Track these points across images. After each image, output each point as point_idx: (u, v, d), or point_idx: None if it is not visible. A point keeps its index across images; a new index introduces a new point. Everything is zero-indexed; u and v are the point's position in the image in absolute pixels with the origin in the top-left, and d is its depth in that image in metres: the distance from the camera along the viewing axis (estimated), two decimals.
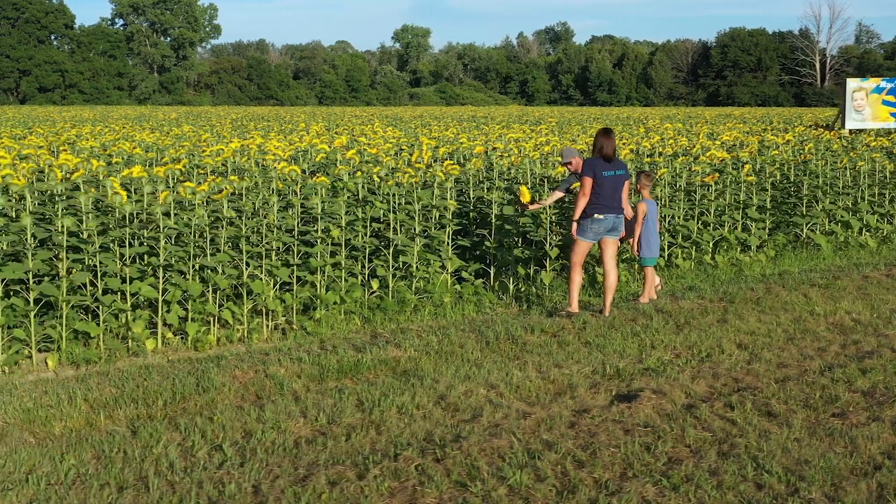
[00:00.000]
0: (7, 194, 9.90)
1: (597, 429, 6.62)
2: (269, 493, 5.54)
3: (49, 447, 6.47)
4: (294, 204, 10.73)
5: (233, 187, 11.24)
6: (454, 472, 5.81)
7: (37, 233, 9.15)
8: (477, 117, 54.57)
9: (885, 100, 27.45)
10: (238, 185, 11.44)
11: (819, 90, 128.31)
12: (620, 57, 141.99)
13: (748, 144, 20.28)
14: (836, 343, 9.07)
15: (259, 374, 8.29)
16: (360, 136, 23.57)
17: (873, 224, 15.66)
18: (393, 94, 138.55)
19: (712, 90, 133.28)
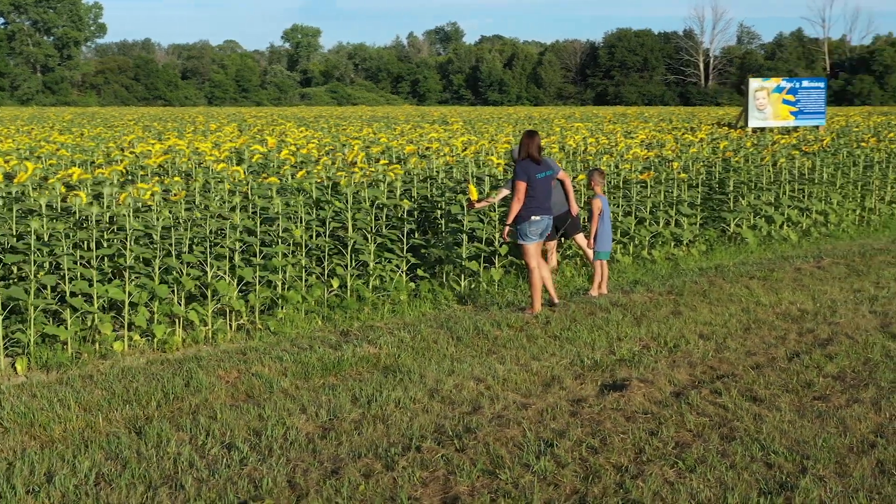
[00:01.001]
0: None
1: (598, 416, 6.87)
2: (307, 486, 5.65)
3: (58, 449, 6.45)
4: (258, 205, 10.76)
5: (184, 189, 11.24)
6: (479, 462, 5.99)
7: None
8: (379, 116, 54.65)
9: (785, 98, 28.46)
10: (192, 186, 11.44)
11: (703, 90, 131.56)
12: (510, 57, 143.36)
13: (665, 143, 20.85)
14: (792, 332, 9.50)
15: (243, 373, 8.34)
16: (278, 136, 23.52)
17: (794, 218, 16.30)
18: (284, 95, 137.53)
19: (600, 90, 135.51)
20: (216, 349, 9.65)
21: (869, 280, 12.27)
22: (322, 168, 12.99)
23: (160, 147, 16.78)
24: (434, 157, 15.04)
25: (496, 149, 17.60)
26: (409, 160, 14.62)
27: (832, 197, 17.12)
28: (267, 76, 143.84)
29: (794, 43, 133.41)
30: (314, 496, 5.51)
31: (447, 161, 14.82)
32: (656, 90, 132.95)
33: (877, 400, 7.21)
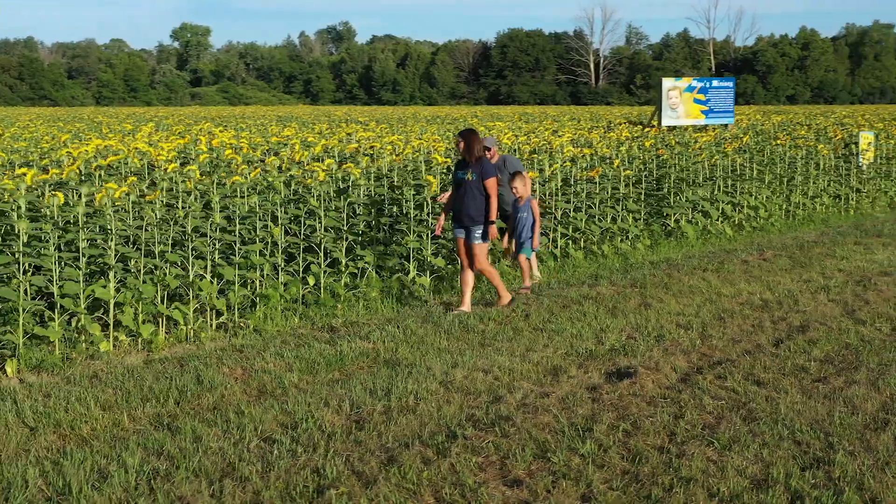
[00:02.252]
0: None
1: (621, 402, 7.17)
2: (371, 474, 5.81)
3: (96, 448, 6.47)
4: (236, 203, 10.80)
5: (158, 190, 11.22)
6: (528, 447, 6.23)
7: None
8: (284, 117, 54.35)
9: (696, 98, 29.25)
10: (158, 186, 11.43)
11: (594, 89, 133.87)
12: (403, 57, 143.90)
13: (591, 141, 21.32)
14: (766, 320, 9.95)
15: (248, 370, 8.42)
16: (206, 136, 23.34)
17: (728, 213, 16.90)
18: (174, 94, 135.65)
19: (493, 89, 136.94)
20: (202, 347, 9.65)
21: (814, 271, 12.84)
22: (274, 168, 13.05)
23: (93, 147, 16.57)
24: (384, 155, 15.19)
25: (436, 147, 17.80)
26: (361, 160, 14.74)
27: (762, 192, 17.78)
28: (156, 76, 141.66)
29: (681, 43, 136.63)
30: (382, 482, 5.67)
31: (393, 160, 14.98)
32: (548, 90, 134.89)
33: (873, 380, 7.66)
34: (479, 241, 10.80)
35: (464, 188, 10.73)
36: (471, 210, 10.73)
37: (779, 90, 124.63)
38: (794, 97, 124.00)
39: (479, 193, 10.72)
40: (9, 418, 7.07)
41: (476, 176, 10.69)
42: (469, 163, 10.77)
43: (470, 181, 10.70)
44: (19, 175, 11.49)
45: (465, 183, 10.72)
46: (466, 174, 10.73)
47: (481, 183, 10.72)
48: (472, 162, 10.75)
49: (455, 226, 11.03)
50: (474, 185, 10.72)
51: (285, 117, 53.30)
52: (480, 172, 10.72)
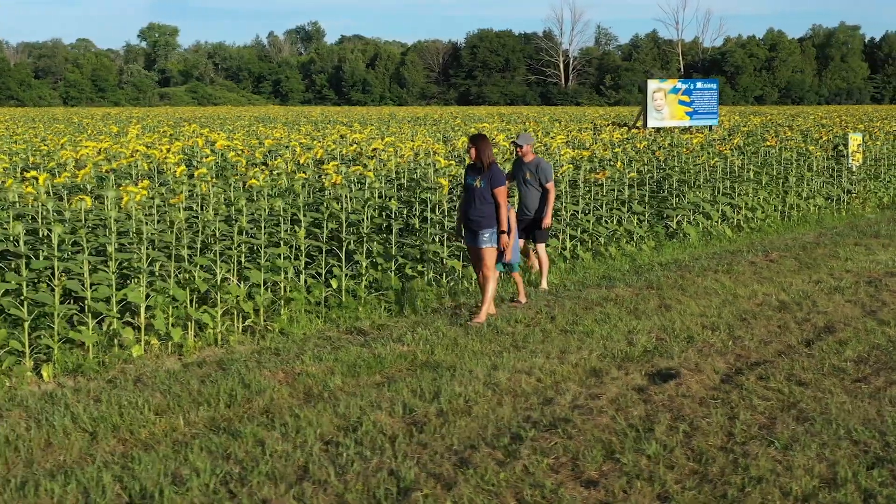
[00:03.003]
0: None
1: (671, 403, 7.30)
2: (449, 476, 5.90)
3: (161, 452, 6.52)
4: (262, 206, 10.84)
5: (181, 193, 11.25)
6: (594, 448, 6.34)
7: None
8: (262, 117, 54.23)
9: (681, 99, 29.55)
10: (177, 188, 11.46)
11: (564, 90, 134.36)
12: (373, 57, 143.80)
13: (584, 143, 21.48)
14: (789, 321, 10.12)
15: (289, 374, 8.48)
16: (197, 137, 23.30)
17: (727, 214, 17.11)
18: (143, 94, 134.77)
19: (463, 90, 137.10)
20: (233, 351, 9.69)
21: (822, 272, 13.03)
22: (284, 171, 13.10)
23: (92, 149, 16.53)
24: (390, 157, 15.27)
25: (436, 150, 17.89)
26: (368, 163, 14.82)
27: (759, 193, 18.00)
28: (124, 76, 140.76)
29: (650, 44, 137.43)
30: (462, 484, 5.76)
31: (398, 163, 15.07)
32: (518, 90, 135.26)
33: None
34: (486, 245, 10.60)
35: (472, 194, 10.62)
36: (478, 216, 10.58)
37: (747, 91, 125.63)
38: (762, 98, 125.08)
39: (487, 201, 10.54)
40: (66, 423, 7.09)
41: (485, 184, 10.51)
42: (480, 169, 10.62)
43: (478, 188, 10.55)
44: (29, 178, 11.47)
45: (473, 189, 10.60)
46: (475, 181, 10.58)
47: (490, 191, 10.52)
48: (483, 168, 10.58)
49: (466, 232, 10.85)
50: (483, 193, 10.54)
51: (263, 118, 53.18)
52: (490, 180, 10.52)
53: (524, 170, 12.37)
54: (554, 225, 14.09)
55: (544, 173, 12.27)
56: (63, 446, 6.70)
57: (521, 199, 12.47)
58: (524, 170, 12.37)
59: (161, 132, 27.02)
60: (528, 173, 12.33)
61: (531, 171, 12.30)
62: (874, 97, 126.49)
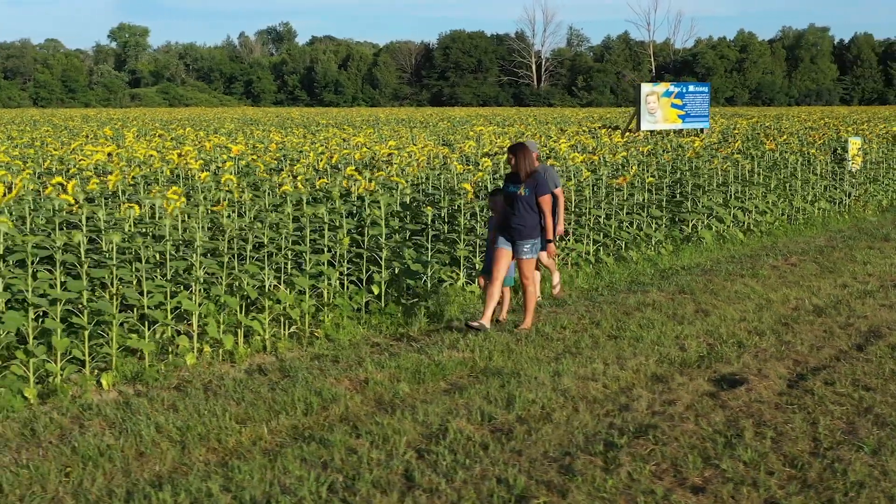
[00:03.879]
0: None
1: (749, 409, 7.43)
2: (557, 483, 6.00)
3: (258, 461, 6.57)
4: (306, 213, 10.90)
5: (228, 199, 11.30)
6: (691, 454, 6.46)
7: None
8: (245, 118, 54.10)
9: (674, 103, 29.81)
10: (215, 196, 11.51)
11: (536, 91, 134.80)
12: (345, 58, 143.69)
13: (587, 146, 21.66)
14: (833, 326, 10.28)
15: (354, 381, 8.55)
16: (194, 140, 23.29)
17: (741, 218, 17.32)
18: (113, 95, 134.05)
19: (436, 91, 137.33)
20: (283, 357, 9.73)
21: (845, 276, 13.24)
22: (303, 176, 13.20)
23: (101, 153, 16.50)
24: (408, 162, 15.37)
25: (445, 154, 18.00)
26: (387, 167, 14.91)
27: (768, 197, 18.22)
28: (94, 76, 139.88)
29: (622, 46, 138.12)
30: (576, 491, 5.87)
31: (418, 167, 15.17)
32: (491, 91, 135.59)
33: None
34: (526, 257, 10.53)
35: (516, 203, 10.48)
36: (521, 225, 10.46)
37: (718, 92, 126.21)
38: (733, 98, 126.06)
39: (531, 209, 10.46)
40: (152, 433, 7.13)
41: (529, 191, 10.41)
42: (521, 177, 10.52)
43: (522, 196, 10.43)
44: (55, 185, 11.48)
45: (517, 198, 10.46)
46: (519, 189, 10.47)
47: (534, 199, 10.45)
48: (524, 177, 10.49)
49: (502, 236, 10.68)
50: (526, 201, 10.43)
51: (246, 119, 53.04)
52: (535, 188, 10.45)
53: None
54: (578, 230, 14.24)
55: (553, 179, 12.04)
56: (156, 456, 6.74)
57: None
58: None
59: (159, 136, 26.94)
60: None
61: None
62: (843, 98, 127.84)
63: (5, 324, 8.35)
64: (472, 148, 20.40)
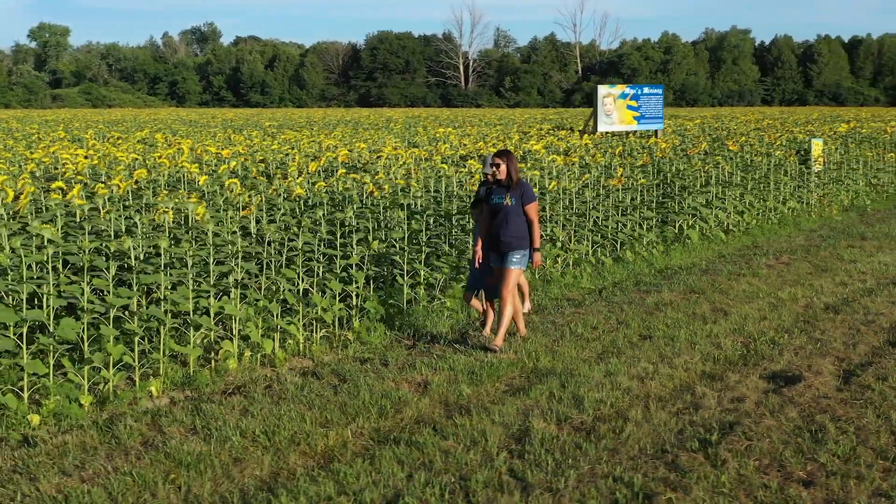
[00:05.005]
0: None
1: (819, 405, 7.69)
2: (674, 480, 6.16)
3: (357, 465, 6.64)
4: (337, 218, 10.94)
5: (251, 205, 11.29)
6: (785, 450, 6.70)
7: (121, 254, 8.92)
8: (191, 120, 53.54)
9: (629, 104, 30.24)
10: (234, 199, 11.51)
11: (464, 91, 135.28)
12: (272, 58, 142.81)
13: (559, 148, 21.92)
14: (857, 323, 10.61)
15: (412, 383, 8.63)
16: (169, 144, 23.08)
17: (722, 219, 17.70)
18: (34, 96, 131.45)
19: (364, 91, 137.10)
20: (315, 361, 9.75)
21: (840, 274, 13.64)
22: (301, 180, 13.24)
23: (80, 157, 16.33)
24: (398, 166, 15.47)
25: (424, 156, 18.12)
26: (381, 171, 14.99)
27: (745, 198, 18.64)
28: (13, 77, 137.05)
29: (549, 47, 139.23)
30: (695, 487, 6.04)
31: (408, 172, 15.28)
32: (419, 92, 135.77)
33: None
34: (515, 267, 10.03)
35: (502, 213, 10.04)
36: (510, 236, 10.03)
37: None
38: None
39: (519, 219, 10.04)
40: (238, 438, 7.15)
41: (516, 200, 10.02)
42: (506, 186, 10.08)
43: (509, 206, 10.02)
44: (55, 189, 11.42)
45: (504, 208, 10.03)
46: (504, 198, 10.04)
47: (521, 208, 10.05)
48: (510, 185, 10.06)
49: (491, 251, 10.23)
50: (514, 211, 10.02)
51: (187, 121, 52.48)
52: (521, 197, 10.05)
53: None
54: (578, 231, 14.45)
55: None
56: (253, 461, 6.77)
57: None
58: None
59: (114, 137, 26.60)
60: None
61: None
62: (764, 99, 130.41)
63: (63, 331, 8.28)
64: (447, 150, 20.54)
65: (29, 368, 8.06)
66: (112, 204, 11.64)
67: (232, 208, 11.78)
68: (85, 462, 6.80)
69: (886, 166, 25.41)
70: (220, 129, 37.77)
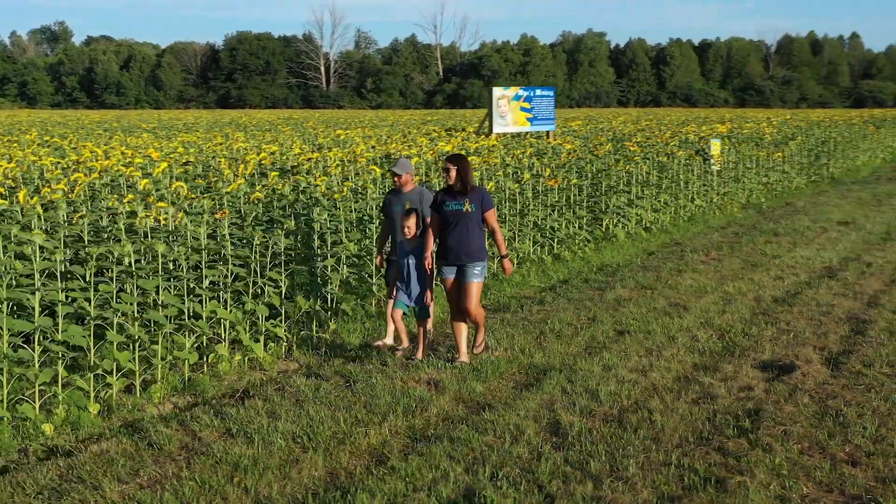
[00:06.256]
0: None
1: (825, 391, 8.16)
2: (735, 465, 6.49)
3: (412, 462, 6.76)
4: (316, 218, 10.97)
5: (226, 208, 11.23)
6: (819, 433, 7.10)
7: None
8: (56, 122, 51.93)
9: (522, 106, 30.76)
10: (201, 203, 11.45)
11: (325, 93, 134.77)
12: (127, 59, 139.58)
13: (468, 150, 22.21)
14: (815, 315, 11.19)
15: (421, 381, 8.75)
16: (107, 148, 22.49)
17: (643, 217, 18.29)
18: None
19: (223, 92, 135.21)
20: (305, 364, 9.80)
21: (774, 269, 14.27)
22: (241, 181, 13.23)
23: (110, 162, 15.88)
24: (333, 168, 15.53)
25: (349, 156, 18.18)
26: (316, 172, 15.04)
27: (660, 197, 19.29)
28: None
29: (410, 48, 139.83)
30: (756, 468, 6.37)
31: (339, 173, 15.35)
32: (280, 93, 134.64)
33: None
34: (478, 280, 9.52)
35: (461, 222, 9.45)
36: (471, 246, 9.45)
37: None
38: None
39: (478, 227, 9.50)
40: (279, 442, 7.17)
41: (476, 207, 9.44)
42: (460, 192, 9.50)
43: (469, 213, 9.43)
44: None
45: (462, 216, 9.45)
46: (463, 205, 9.43)
47: (481, 214, 9.52)
48: (466, 191, 9.48)
49: (443, 263, 9.64)
50: (474, 218, 9.45)
51: (57, 122, 50.95)
52: (480, 203, 9.49)
53: (402, 201, 10.28)
54: (522, 230, 14.76)
55: (430, 203, 10.06)
56: (306, 462, 6.81)
57: (398, 237, 10.12)
58: (402, 201, 10.28)
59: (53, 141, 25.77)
60: (408, 204, 10.19)
61: (413, 202, 10.22)
62: (620, 101, 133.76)
63: (73, 338, 8.15)
64: (363, 150, 20.60)
65: (43, 377, 7.91)
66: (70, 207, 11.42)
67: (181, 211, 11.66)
68: (137, 469, 6.74)
69: (774, 165, 26.53)
70: (101, 132, 36.84)
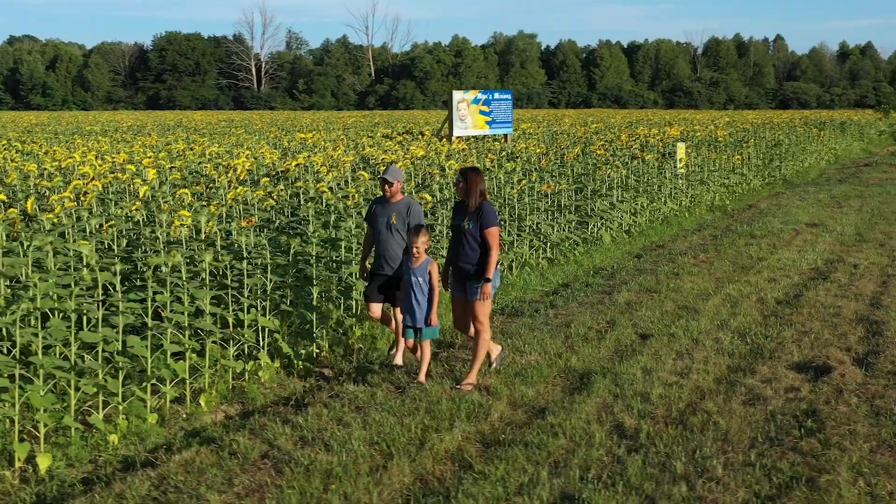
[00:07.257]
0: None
1: (869, 391, 8.49)
2: (822, 464, 6.78)
3: (501, 467, 6.95)
4: (344, 228, 11.08)
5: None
6: (884, 432, 7.40)
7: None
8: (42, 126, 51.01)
9: (481, 109, 31.07)
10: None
11: (257, 94, 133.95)
12: (53, 59, 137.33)
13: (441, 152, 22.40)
14: (825, 315, 11.55)
15: (473, 386, 8.93)
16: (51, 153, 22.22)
17: (624, 220, 18.64)
18: None
19: (153, 93, 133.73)
20: (339, 370, 9.92)
21: (766, 271, 14.59)
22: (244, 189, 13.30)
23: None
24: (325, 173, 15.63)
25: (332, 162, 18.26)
26: (327, 177, 15.11)
27: (638, 200, 19.66)
28: None
29: (341, 49, 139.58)
30: (839, 468, 6.66)
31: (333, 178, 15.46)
32: (210, 94, 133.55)
33: None
34: (480, 298, 9.18)
35: (461, 238, 9.21)
36: (469, 264, 9.17)
37: (436, 95, 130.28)
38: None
39: (476, 244, 9.11)
40: (360, 449, 7.29)
41: (473, 224, 9.08)
42: (467, 207, 9.21)
43: (467, 230, 9.13)
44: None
45: (462, 231, 9.19)
46: (463, 221, 9.18)
47: (479, 232, 9.10)
48: (471, 206, 9.17)
49: (451, 279, 9.48)
50: (471, 235, 9.12)
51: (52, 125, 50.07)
52: (479, 220, 9.08)
53: (389, 212, 9.95)
54: (520, 234, 14.99)
55: (418, 217, 9.94)
56: (395, 469, 6.95)
57: (382, 249, 9.95)
58: (389, 212, 9.95)
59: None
60: (395, 216, 9.91)
61: (400, 213, 9.93)
62: (552, 101, 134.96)
63: (135, 349, 8.20)
64: (340, 155, 20.67)
65: (112, 387, 7.96)
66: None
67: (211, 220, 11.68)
68: (229, 478, 6.84)
69: (735, 168, 27.11)
70: (51, 135, 36.35)
